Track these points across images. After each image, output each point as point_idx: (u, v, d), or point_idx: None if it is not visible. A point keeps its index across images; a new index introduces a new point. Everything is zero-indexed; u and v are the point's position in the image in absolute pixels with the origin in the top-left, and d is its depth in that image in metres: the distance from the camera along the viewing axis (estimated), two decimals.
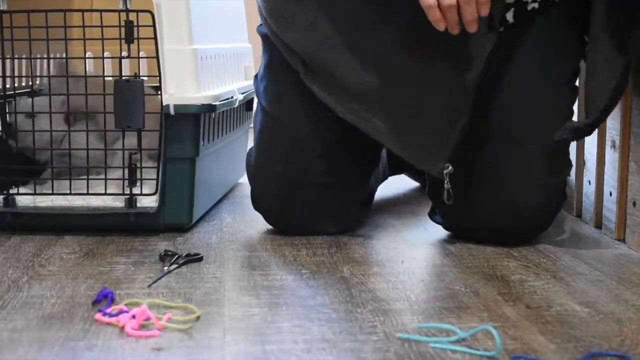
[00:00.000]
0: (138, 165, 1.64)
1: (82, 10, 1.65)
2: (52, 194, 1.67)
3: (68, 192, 1.67)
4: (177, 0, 1.63)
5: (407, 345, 1.07)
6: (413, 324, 1.15)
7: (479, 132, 1.55)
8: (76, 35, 1.68)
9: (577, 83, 1.63)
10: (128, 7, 1.60)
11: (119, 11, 1.60)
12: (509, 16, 1.53)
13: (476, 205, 1.56)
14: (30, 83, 1.79)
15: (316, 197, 1.63)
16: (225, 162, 1.97)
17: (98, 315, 1.16)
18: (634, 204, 1.57)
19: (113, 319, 1.14)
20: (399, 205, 1.60)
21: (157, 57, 1.62)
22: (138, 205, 1.65)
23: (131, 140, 1.63)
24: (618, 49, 1.46)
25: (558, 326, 1.14)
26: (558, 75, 1.58)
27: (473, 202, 1.56)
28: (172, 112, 1.62)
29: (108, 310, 1.17)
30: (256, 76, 1.72)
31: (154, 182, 1.65)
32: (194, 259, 1.45)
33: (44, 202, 1.69)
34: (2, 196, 1.66)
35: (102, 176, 1.67)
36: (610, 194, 1.65)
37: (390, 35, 1.53)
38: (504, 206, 1.54)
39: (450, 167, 1.49)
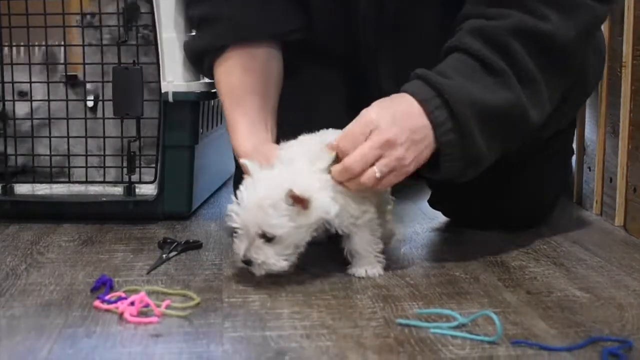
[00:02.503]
0: (137, 153, 1.63)
1: None
2: (51, 181, 1.67)
3: (67, 179, 1.67)
4: None
5: (407, 331, 1.06)
6: (413, 309, 1.14)
7: None
8: (74, 23, 1.67)
9: None
10: None
11: None
12: None
13: (474, 188, 1.55)
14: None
15: None
16: (224, 150, 1.96)
17: (97, 302, 1.15)
18: (635, 190, 1.56)
19: (112, 306, 1.13)
20: (398, 192, 1.59)
21: (156, 45, 1.62)
22: (137, 193, 1.64)
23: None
24: None
25: (558, 311, 1.14)
26: None
27: (470, 186, 1.55)
28: (170, 99, 1.62)
29: (107, 297, 1.16)
30: None
31: (153, 169, 1.65)
32: (193, 246, 1.45)
33: (43, 190, 1.68)
34: (0, 184, 1.65)
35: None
36: (611, 180, 1.65)
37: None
38: (501, 189, 1.54)
39: None
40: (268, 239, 1.20)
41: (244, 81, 1.49)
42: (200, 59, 1.55)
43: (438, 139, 1.24)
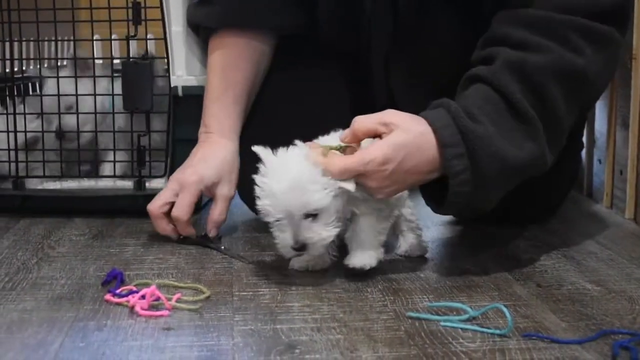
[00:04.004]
0: (147, 147, 1.63)
1: None
2: (61, 176, 1.67)
3: (77, 174, 1.67)
4: None
5: (417, 324, 1.06)
6: (424, 303, 1.14)
7: None
8: (84, 18, 1.67)
9: None
10: None
11: None
12: None
13: None
14: (39, 66, 1.78)
15: None
16: None
17: (108, 296, 1.15)
18: None
19: (123, 299, 1.14)
20: None
21: (165, 39, 1.62)
22: (147, 187, 1.64)
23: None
24: None
25: (569, 304, 1.14)
26: None
27: None
28: (180, 93, 1.62)
29: (118, 291, 1.17)
30: None
31: (163, 164, 1.65)
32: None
33: (53, 184, 1.69)
34: (11, 179, 1.66)
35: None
36: (621, 172, 1.64)
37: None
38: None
39: None
40: (313, 216, 1.17)
41: (237, 66, 1.54)
42: (196, 30, 1.61)
43: (450, 188, 1.19)
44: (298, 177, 1.16)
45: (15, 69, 1.72)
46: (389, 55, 1.52)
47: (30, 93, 1.85)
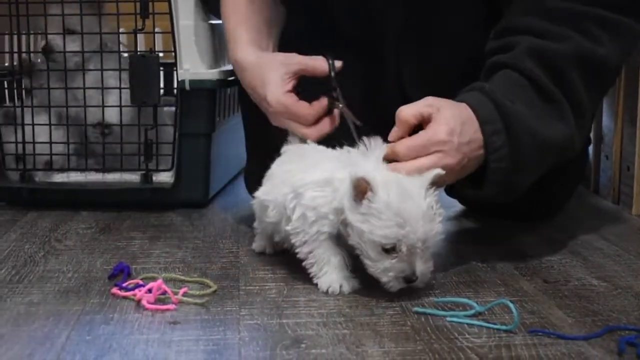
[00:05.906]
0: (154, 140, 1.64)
1: None
2: (68, 169, 1.68)
3: (84, 167, 1.68)
4: None
5: (423, 319, 1.06)
6: (430, 298, 1.14)
7: None
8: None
9: None
10: None
11: None
12: None
13: None
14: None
15: None
16: (241, 138, 1.96)
17: (114, 289, 1.16)
18: None
19: (129, 293, 1.14)
20: None
21: (173, 32, 1.62)
22: (154, 180, 1.65)
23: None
24: None
25: (576, 300, 1.14)
26: None
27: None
28: (187, 87, 1.62)
29: (124, 284, 1.17)
30: None
31: (170, 157, 1.65)
32: None
33: (60, 177, 1.69)
34: (18, 172, 1.66)
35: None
36: (628, 168, 1.64)
37: None
38: None
39: None
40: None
41: (251, 6, 1.47)
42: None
43: (490, 164, 1.20)
44: (430, 204, 1.09)
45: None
46: (399, 41, 1.51)
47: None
